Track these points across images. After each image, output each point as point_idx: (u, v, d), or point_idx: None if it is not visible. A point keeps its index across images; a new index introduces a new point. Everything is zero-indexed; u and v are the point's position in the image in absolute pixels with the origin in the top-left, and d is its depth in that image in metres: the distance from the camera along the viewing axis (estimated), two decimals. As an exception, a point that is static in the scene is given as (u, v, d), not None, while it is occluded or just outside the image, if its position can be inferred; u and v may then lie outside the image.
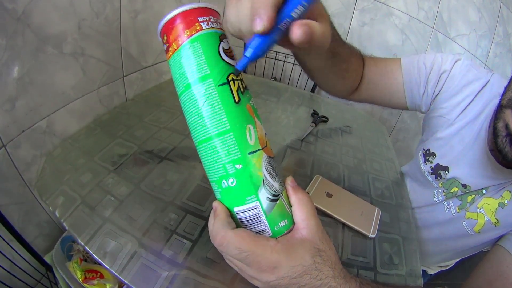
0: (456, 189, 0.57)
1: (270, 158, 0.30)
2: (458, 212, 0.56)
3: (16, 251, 0.55)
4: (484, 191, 0.53)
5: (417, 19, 1.30)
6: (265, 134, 0.31)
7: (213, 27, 0.29)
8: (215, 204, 0.30)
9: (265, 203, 0.29)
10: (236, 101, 0.29)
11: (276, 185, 0.30)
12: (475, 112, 0.53)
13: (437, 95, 0.57)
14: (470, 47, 1.33)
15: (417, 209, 0.66)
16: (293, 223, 0.31)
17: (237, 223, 0.30)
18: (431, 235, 0.63)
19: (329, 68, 0.49)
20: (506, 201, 0.49)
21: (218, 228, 0.28)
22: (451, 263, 0.74)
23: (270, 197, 0.29)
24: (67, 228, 0.45)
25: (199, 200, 0.52)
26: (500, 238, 0.50)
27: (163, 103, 0.81)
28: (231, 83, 0.29)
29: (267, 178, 0.29)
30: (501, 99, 0.44)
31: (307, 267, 0.27)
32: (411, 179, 0.70)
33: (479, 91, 0.53)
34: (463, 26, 1.30)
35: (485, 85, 0.53)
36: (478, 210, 0.53)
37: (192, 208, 0.51)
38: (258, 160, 0.29)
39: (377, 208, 0.58)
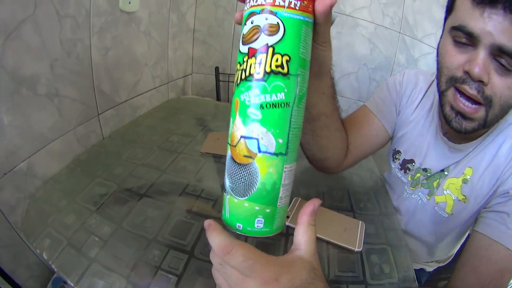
0: (418, 174, 0.60)
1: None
2: (428, 199, 0.59)
3: (7, 295, 0.53)
4: (446, 173, 0.56)
5: (383, 26, 1.34)
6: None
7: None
8: (208, 221, 0.30)
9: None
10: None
11: (227, 182, 0.29)
12: (427, 106, 0.60)
13: (402, 106, 0.63)
14: (438, 45, 1.37)
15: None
16: (277, 232, 0.31)
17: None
18: (413, 230, 0.65)
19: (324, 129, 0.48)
20: (468, 177, 0.52)
21: (225, 238, 0.28)
22: (448, 258, 0.74)
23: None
24: (55, 270, 0.45)
25: (181, 235, 0.52)
26: (475, 223, 0.51)
27: (139, 138, 0.82)
28: None
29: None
30: (439, 88, 0.47)
31: (304, 281, 0.28)
32: (389, 186, 0.73)
33: (428, 88, 0.60)
34: (429, 25, 1.34)
35: (433, 81, 0.59)
36: (444, 192, 0.55)
37: (174, 244, 0.50)
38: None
39: (360, 222, 0.58)
